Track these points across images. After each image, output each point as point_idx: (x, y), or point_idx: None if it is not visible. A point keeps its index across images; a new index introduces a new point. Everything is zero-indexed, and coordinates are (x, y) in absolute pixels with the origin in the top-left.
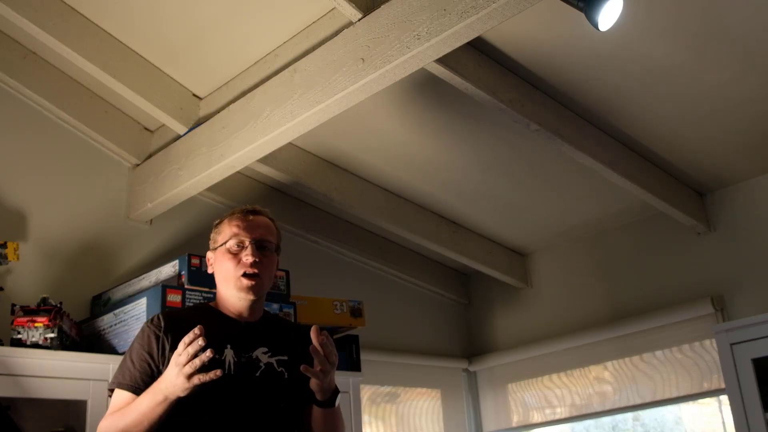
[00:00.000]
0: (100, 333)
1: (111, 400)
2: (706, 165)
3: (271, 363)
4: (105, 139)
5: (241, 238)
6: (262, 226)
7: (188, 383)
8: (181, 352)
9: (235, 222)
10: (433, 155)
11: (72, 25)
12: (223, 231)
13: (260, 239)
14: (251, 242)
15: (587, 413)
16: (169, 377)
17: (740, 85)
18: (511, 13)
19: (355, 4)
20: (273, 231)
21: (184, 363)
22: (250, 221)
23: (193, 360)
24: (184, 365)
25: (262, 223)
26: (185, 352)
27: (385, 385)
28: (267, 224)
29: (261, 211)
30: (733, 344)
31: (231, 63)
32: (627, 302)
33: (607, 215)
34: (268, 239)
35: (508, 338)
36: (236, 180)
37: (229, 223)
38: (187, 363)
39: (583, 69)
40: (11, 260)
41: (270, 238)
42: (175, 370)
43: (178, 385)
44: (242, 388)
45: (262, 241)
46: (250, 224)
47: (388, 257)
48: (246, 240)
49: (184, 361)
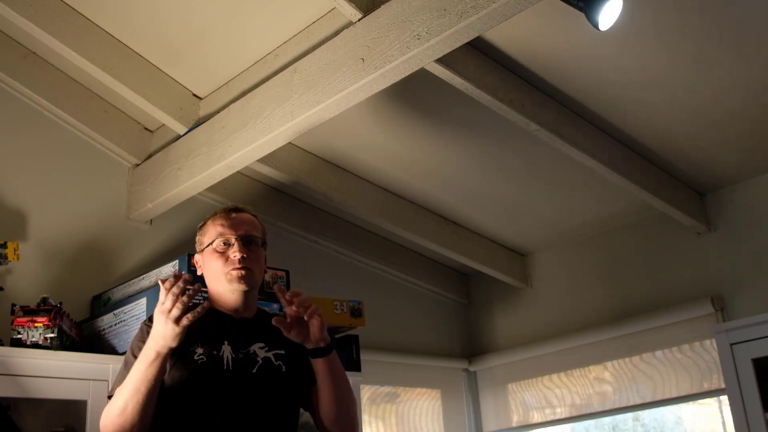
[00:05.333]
0: (100, 333)
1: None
2: (706, 165)
3: (268, 357)
4: (105, 139)
5: (227, 236)
6: (247, 222)
7: (178, 328)
8: (163, 300)
9: (219, 221)
10: (433, 155)
11: (72, 25)
12: (208, 232)
13: (246, 235)
14: (237, 239)
15: (587, 413)
16: (156, 331)
17: (740, 85)
18: (511, 13)
19: (355, 4)
20: (258, 226)
21: (170, 307)
22: (234, 219)
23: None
24: (170, 310)
25: (246, 220)
26: (169, 294)
27: (385, 385)
28: (251, 220)
29: (243, 208)
30: (733, 344)
31: (231, 63)
32: (627, 302)
33: (607, 215)
34: (253, 234)
35: (508, 338)
36: (236, 180)
37: (213, 223)
38: (172, 307)
39: (584, 69)
40: (11, 260)
41: (255, 233)
42: (162, 319)
43: (168, 335)
44: (241, 384)
45: (248, 237)
46: (234, 222)
47: (388, 257)
48: (232, 237)
49: (169, 306)
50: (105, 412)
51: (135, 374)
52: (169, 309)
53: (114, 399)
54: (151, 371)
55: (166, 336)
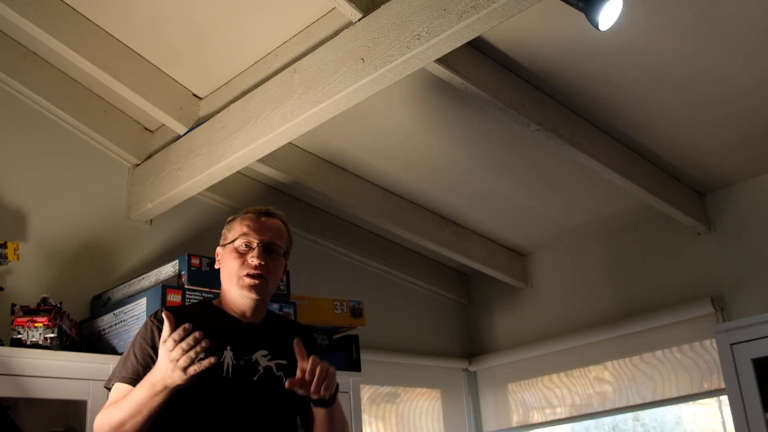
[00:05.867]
0: (100, 333)
1: (110, 394)
2: (706, 165)
3: (269, 367)
4: (105, 139)
5: (250, 238)
6: (273, 229)
7: (185, 375)
8: (171, 348)
9: (247, 222)
10: (433, 155)
11: (72, 25)
12: (234, 229)
13: (268, 242)
14: (258, 244)
15: (587, 413)
16: (163, 371)
17: (740, 85)
18: (511, 13)
19: (355, 4)
20: (284, 235)
21: (178, 358)
22: (262, 223)
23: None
24: (177, 360)
25: (273, 226)
26: (178, 347)
27: (385, 385)
28: (278, 227)
29: (275, 214)
30: (733, 344)
31: (231, 63)
32: (628, 302)
33: (607, 215)
34: (276, 243)
35: (508, 338)
36: (236, 180)
37: (240, 222)
38: (180, 357)
39: (583, 69)
40: (11, 260)
41: (279, 242)
42: (170, 366)
43: (175, 378)
44: (239, 392)
45: (271, 244)
46: (260, 226)
47: (388, 257)
48: (254, 241)
49: (177, 357)
50: (101, 417)
51: (137, 398)
52: (177, 359)
53: (112, 410)
54: (156, 400)
55: (173, 378)
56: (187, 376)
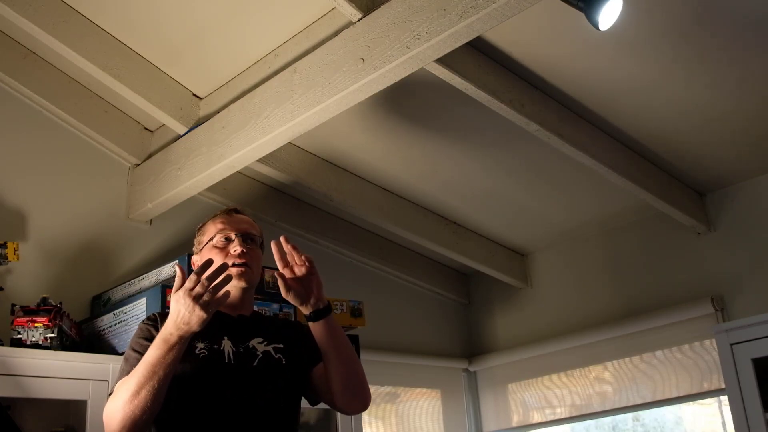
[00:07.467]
0: (100, 333)
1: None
2: (706, 165)
3: (268, 351)
4: (105, 139)
5: (227, 232)
6: (246, 221)
7: (205, 314)
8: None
9: (220, 219)
10: (433, 155)
11: (72, 25)
12: (208, 230)
13: (246, 232)
14: (237, 235)
15: (587, 413)
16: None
17: (740, 85)
18: (511, 13)
19: (355, 4)
20: (256, 227)
21: (202, 293)
22: (234, 217)
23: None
24: (202, 295)
25: (246, 220)
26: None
27: (385, 385)
28: (250, 221)
29: (242, 211)
30: (733, 344)
31: (231, 63)
32: (627, 302)
33: (607, 215)
34: (252, 233)
35: (508, 338)
36: (236, 180)
37: (213, 222)
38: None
39: (584, 69)
40: (11, 260)
41: (254, 232)
42: (187, 303)
43: (194, 321)
44: (242, 377)
45: (248, 234)
46: (234, 219)
47: (388, 257)
48: (232, 233)
49: (201, 291)
50: (111, 403)
51: (151, 359)
52: (201, 294)
53: (120, 387)
54: (171, 355)
55: (191, 321)
56: (208, 316)
